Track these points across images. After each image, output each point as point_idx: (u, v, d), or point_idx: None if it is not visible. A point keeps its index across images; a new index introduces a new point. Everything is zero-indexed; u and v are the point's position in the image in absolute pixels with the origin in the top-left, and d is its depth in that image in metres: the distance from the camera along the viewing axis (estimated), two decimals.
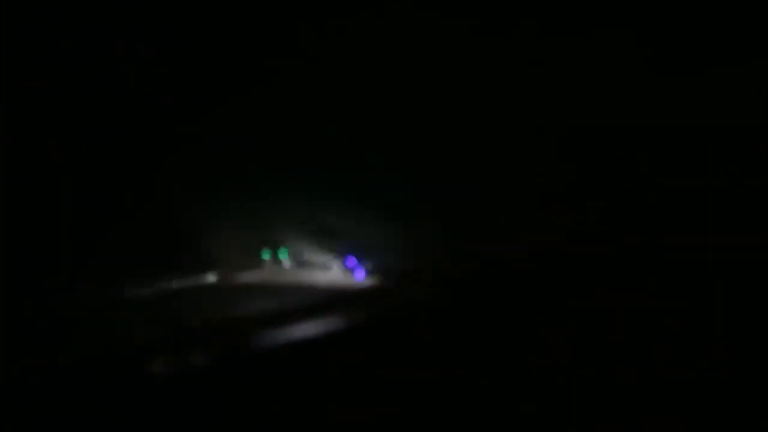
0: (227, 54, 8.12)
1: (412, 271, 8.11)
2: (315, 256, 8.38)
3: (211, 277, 8.28)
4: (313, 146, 8.17)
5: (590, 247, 8.21)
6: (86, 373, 6.76)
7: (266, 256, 8.46)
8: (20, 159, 7.49)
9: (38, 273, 7.45)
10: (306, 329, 7.61)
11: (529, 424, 7.31)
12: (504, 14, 8.45)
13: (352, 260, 8.32)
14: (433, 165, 8.16)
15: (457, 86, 8.31)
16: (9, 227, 7.34)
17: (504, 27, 8.44)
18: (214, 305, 7.83)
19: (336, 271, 8.36)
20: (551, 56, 8.41)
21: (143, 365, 6.98)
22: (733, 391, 7.27)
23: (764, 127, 8.04)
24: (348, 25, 8.28)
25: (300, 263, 8.44)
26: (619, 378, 7.53)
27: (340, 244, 8.33)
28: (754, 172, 8.04)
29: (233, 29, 8.10)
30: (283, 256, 8.47)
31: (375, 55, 8.19)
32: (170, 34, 7.94)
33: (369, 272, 8.26)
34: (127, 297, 7.72)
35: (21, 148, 7.52)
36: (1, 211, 7.28)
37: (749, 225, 7.97)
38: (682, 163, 8.28)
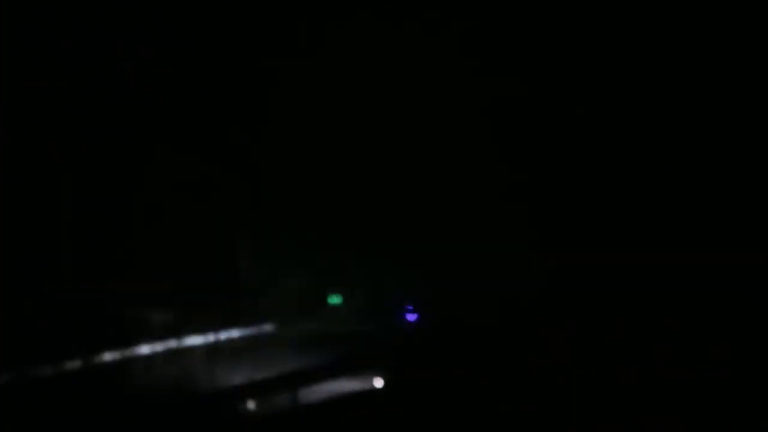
0: (234, 56, 8.13)
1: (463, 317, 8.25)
2: (373, 304, 8.39)
3: (268, 327, 8.27)
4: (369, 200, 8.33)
5: (590, 257, 8.23)
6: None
7: (326, 303, 8.44)
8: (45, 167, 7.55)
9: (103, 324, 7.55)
10: (360, 381, 7.85)
11: (529, 424, 7.32)
12: (501, 15, 8.45)
13: (409, 309, 8.37)
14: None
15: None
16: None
17: (501, 29, 8.46)
18: (269, 357, 7.89)
19: (393, 320, 8.38)
20: (551, 57, 8.42)
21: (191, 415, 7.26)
22: (733, 391, 7.28)
23: (764, 127, 8.06)
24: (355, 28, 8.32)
25: (358, 312, 8.42)
26: (619, 378, 7.54)
27: (398, 294, 8.37)
28: (755, 172, 8.05)
29: (234, 29, 8.12)
30: (340, 304, 8.44)
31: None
32: (170, 34, 7.94)
33: (424, 321, 8.34)
34: (187, 347, 7.83)
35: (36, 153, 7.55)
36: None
37: (748, 227, 7.98)
38: (682, 163, 8.28)
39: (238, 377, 7.66)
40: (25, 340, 7.21)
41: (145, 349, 7.62)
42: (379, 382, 7.87)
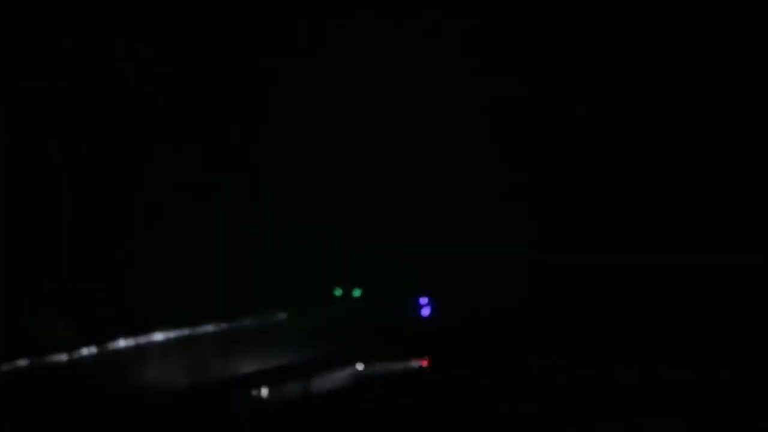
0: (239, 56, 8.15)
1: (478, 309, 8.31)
2: (387, 295, 8.43)
3: (281, 316, 8.33)
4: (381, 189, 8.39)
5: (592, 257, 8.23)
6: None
7: (338, 293, 8.46)
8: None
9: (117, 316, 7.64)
10: (370, 371, 7.92)
11: (529, 424, 7.34)
12: (500, 15, 8.46)
13: (423, 300, 8.39)
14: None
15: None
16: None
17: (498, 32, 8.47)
18: (281, 346, 7.91)
19: (407, 311, 8.41)
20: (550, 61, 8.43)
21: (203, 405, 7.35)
22: (733, 391, 7.29)
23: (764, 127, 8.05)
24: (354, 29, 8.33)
25: (372, 302, 8.45)
26: (619, 378, 7.55)
27: (412, 284, 8.41)
28: (754, 173, 8.04)
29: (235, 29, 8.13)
30: (356, 294, 8.46)
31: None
32: (170, 34, 7.95)
33: (439, 312, 8.36)
34: (199, 335, 7.78)
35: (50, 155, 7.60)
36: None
37: (748, 228, 7.98)
38: (682, 164, 8.28)
39: (250, 365, 7.70)
40: (36, 330, 7.26)
41: (157, 338, 7.63)
42: (360, 366, 7.90)
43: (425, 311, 8.35)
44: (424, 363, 8.07)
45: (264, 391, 7.54)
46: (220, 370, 7.61)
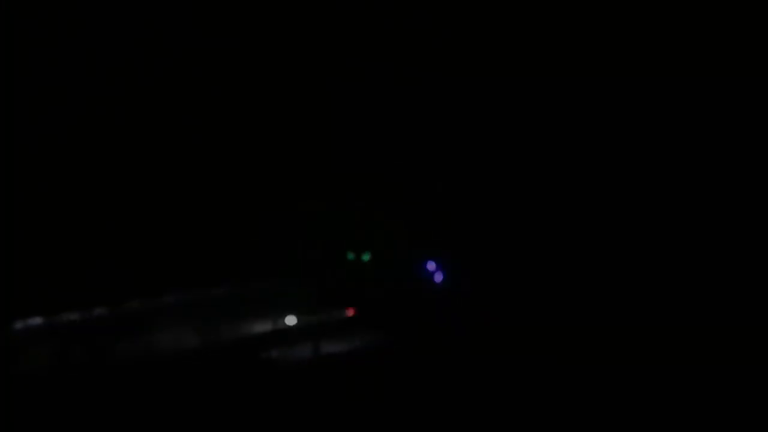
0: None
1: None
2: (396, 259, 8.43)
3: (290, 283, 8.36)
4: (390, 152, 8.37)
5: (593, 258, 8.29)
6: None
7: (349, 257, 8.46)
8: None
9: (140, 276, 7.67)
10: (379, 337, 7.95)
11: (529, 425, 7.39)
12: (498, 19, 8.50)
13: (431, 265, 8.39)
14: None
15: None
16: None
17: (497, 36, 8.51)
18: (291, 309, 7.93)
19: (416, 276, 8.41)
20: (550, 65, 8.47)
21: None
22: (733, 391, 7.36)
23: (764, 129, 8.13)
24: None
25: (381, 267, 8.45)
26: (619, 376, 7.61)
27: (422, 248, 8.40)
28: (753, 176, 8.12)
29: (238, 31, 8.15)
30: (366, 259, 8.45)
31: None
32: (171, 34, 7.98)
33: (448, 277, 8.36)
34: (211, 296, 7.80)
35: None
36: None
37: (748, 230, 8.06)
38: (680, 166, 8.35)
39: (260, 327, 7.78)
40: (48, 289, 7.29)
41: (168, 299, 7.65)
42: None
43: (436, 277, 8.35)
44: (350, 312, 8.08)
45: (274, 353, 7.63)
46: (230, 332, 7.66)
